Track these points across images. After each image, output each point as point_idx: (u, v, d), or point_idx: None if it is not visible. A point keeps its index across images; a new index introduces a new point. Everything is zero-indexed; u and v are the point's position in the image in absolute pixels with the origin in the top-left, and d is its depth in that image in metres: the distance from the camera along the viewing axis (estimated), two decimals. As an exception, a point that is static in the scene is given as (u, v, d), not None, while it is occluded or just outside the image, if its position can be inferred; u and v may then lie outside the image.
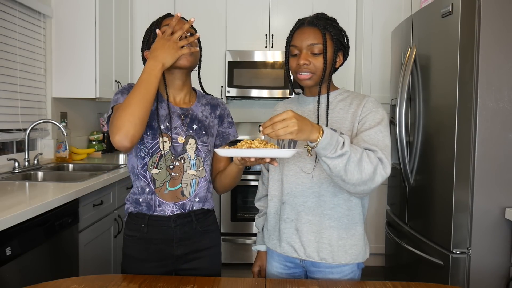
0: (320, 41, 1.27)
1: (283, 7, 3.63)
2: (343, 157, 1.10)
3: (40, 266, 1.67)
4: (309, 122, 1.09)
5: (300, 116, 1.08)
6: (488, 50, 1.80)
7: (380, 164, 1.16)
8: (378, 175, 1.15)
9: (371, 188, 1.17)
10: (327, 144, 1.08)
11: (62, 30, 2.84)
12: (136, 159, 1.36)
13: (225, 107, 1.51)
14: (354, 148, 1.14)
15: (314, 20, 1.30)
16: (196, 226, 1.39)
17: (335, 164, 1.11)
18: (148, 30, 1.38)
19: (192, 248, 1.39)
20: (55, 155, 2.88)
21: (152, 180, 1.35)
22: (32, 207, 1.55)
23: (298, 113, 1.39)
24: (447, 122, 1.91)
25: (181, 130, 1.37)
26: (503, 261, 1.83)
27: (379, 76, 3.56)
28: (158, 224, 1.36)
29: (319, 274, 1.35)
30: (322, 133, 1.08)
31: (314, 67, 1.28)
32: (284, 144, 1.38)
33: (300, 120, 1.06)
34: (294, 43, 1.31)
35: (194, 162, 1.37)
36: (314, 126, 1.09)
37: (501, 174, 1.82)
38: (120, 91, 1.33)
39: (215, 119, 1.47)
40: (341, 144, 1.10)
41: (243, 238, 3.41)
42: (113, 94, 1.35)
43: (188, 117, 1.39)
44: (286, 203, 1.36)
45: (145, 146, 1.34)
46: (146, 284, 1.18)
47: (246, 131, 3.92)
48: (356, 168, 1.12)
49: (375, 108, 1.29)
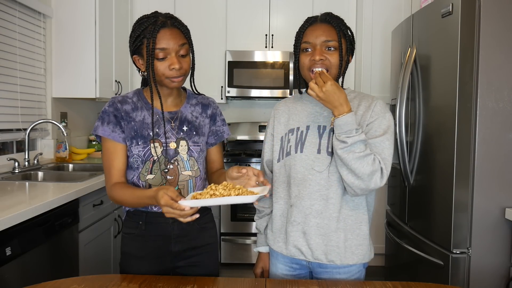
0: (334, 37, 1.27)
1: (283, 7, 3.63)
2: (342, 143, 1.20)
3: (40, 266, 1.67)
4: (343, 100, 1.19)
5: (337, 87, 1.19)
6: (488, 50, 1.80)
7: (379, 173, 1.22)
8: (373, 182, 1.22)
9: (366, 186, 1.23)
10: (338, 126, 1.20)
11: (62, 30, 2.84)
12: (132, 170, 1.37)
13: (216, 106, 1.50)
14: (362, 147, 1.20)
15: (327, 17, 1.30)
16: (193, 223, 1.39)
17: (336, 144, 1.22)
18: (136, 35, 1.29)
19: (190, 245, 1.40)
20: (55, 155, 2.88)
21: (147, 187, 1.35)
22: (32, 207, 1.55)
23: (302, 112, 1.39)
24: (447, 122, 1.91)
25: (172, 134, 1.37)
26: (503, 261, 1.83)
27: (379, 76, 3.56)
28: (156, 220, 1.37)
29: (326, 274, 1.34)
30: (344, 116, 1.19)
31: (329, 63, 1.28)
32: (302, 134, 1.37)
33: (335, 90, 1.18)
34: (307, 39, 1.30)
35: (187, 163, 1.38)
36: (343, 105, 1.19)
37: (501, 174, 1.82)
38: (101, 118, 1.35)
39: (206, 118, 1.46)
40: (348, 135, 1.19)
41: (243, 238, 3.40)
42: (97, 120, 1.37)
43: (177, 120, 1.39)
44: (294, 206, 1.35)
45: (138, 156, 1.35)
46: (146, 284, 1.18)
47: (246, 131, 3.92)
48: (354, 160, 1.20)
49: (383, 113, 1.30)
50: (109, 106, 1.36)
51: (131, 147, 1.35)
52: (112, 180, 1.34)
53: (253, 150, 3.82)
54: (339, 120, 1.19)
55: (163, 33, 1.26)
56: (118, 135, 1.35)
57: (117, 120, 1.35)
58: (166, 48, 1.26)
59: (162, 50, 1.26)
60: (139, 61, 1.33)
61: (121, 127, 1.35)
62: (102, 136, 1.35)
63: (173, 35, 1.27)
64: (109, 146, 1.35)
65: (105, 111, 1.36)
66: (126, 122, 1.36)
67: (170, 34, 1.26)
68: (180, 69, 1.28)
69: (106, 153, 1.36)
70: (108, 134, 1.34)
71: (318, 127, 1.34)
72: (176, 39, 1.27)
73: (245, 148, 3.93)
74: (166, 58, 1.27)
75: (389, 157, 1.26)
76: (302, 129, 1.36)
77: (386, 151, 1.26)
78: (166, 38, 1.26)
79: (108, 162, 1.35)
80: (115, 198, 1.32)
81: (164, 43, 1.25)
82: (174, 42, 1.26)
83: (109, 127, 1.34)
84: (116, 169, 1.34)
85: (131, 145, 1.35)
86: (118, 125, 1.35)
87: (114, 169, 1.34)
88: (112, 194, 1.33)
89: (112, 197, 1.33)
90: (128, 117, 1.36)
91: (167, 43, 1.25)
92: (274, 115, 1.47)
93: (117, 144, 1.35)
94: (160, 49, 1.25)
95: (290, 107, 1.44)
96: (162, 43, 1.25)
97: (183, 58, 1.30)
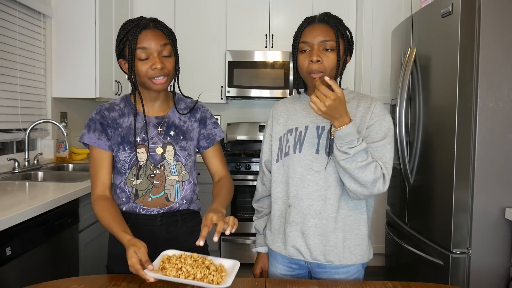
0: (332, 38, 1.27)
1: (283, 7, 3.63)
2: (344, 154, 1.19)
3: (40, 266, 1.67)
4: (342, 112, 1.16)
5: (340, 103, 1.15)
6: (488, 50, 1.80)
7: (382, 179, 1.23)
8: (376, 187, 1.22)
9: (369, 192, 1.23)
10: (339, 137, 1.19)
11: (62, 30, 2.84)
12: (120, 175, 1.38)
13: (205, 109, 1.48)
14: (364, 156, 1.20)
15: (325, 17, 1.29)
16: (181, 225, 1.39)
17: (338, 154, 1.21)
18: (119, 39, 1.30)
19: (178, 249, 1.39)
20: (55, 155, 2.88)
21: (133, 192, 1.36)
22: (32, 207, 1.56)
23: (300, 112, 1.38)
24: (447, 122, 1.91)
25: (158, 139, 1.37)
26: (503, 261, 1.83)
27: (379, 76, 3.56)
28: (144, 222, 1.37)
29: (325, 274, 1.34)
30: (345, 127, 1.17)
31: (326, 64, 1.27)
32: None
33: (336, 104, 1.14)
34: (305, 39, 1.29)
35: (174, 168, 1.38)
36: (343, 116, 1.17)
37: (501, 174, 1.82)
38: (87, 125, 1.37)
39: (195, 122, 1.44)
40: (350, 146, 1.18)
41: (243, 238, 3.40)
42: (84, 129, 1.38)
43: (164, 124, 1.39)
44: (292, 206, 1.35)
45: (124, 162, 1.35)
46: (146, 284, 1.18)
47: (246, 131, 3.92)
48: (357, 170, 1.19)
49: (383, 115, 1.30)
50: (95, 114, 1.38)
51: (118, 153, 1.36)
52: (96, 192, 1.35)
53: (253, 150, 3.82)
54: (340, 132, 1.17)
55: (144, 34, 1.26)
56: (103, 143, 1.36)
57: (103, 128, 1.36)
58: (147, 47, 1.26)
59: (143, 50, 1.26)
60: (125, 65, 1.33)
61: (107, 135, 1.36)
62: (88, 144, 1.37)
63: (154, 35, 1.27)
64: (95, 153, 1.37)
65: (91, 118, 1.37)
66: (113, 129, 1.36)
67: (151, 34, 1.27)
68: (162, 69, 1.27)
69: (92, 161, 1.38)
70: (93, 141, 1.36)
71: (317, 128, 1.33)
72: (157, 40, 1.27)
73: (245, 148, 3.93)
74: (148, 59, 1.27)
75: (390, 160, 1.26)
76: (300, 129, 1.36)
77: (388, 155, 1.26)
78: (147, 39, 1.26)
79: (93, 171, 1.37)
80: (95, 214, 1.34)
81: (146, 43, 1.26)
82: (156, 42, 1.26)
83: (94, 135, 1.36)
84: (101, 181, 1.36)
85: (118, 151, 1.35)
86: (104, 132, 1.36)
87: (99, 181, 1.36)
88: (94, 208, 1.34)
89: (94, 211, 1.35)
90: (115, 123, 1.36)
91: (148, 43, 1.26)
92: (273, 115, 1.47)
93: (103, 152, 1.36)
94: (142, 48, 1.25)
95: (288, 107, 1.44)
96: (144, 43, 1.25)
97: (166, 59, 1.29)
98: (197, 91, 2.45)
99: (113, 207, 1.33)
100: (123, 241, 1.19)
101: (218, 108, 4.00)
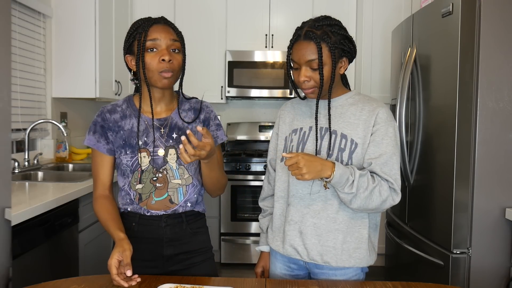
0: (316, 56, 1.23)
1: (283, 7, 3.63)
2: (350, 194, 1.22)
3: (40, 266, 1.67)
4: (319, 163, 1.19)
5: (309, 157, 1.19)
6: (488, 50, 1.80)
7: (391, 195, 1.26)
8: (387, 205, 1.26)
9: (381, 211, 1.30)
10: (337, 182, 1.21)
11: (62, 30, 2.84)
12: (123, 178, 1.38)
13: (210, 110, 1.44)
14: (365, 184, 1.22)
15: (310, 32, 1.23)
16: (186, 227, 1.39)
17: (343, 196, 1.24)
18: (129, 35, 1.30)
19: (182, 250, 1.39)
20: (55, 155, 2.88)
21: (137, 196, 1.36)
22: (32, 207, 1.56)
23: (306, 113, 1.37)
24: (447, 122, 1.91)
25: (160, 142, 1.35)
26: (503, 261, 1.83)
27: (379, 76, 3.56)
28: (149, 223, 1.37)
29: (323, 275, 1.34)
30: (335, 170, 1.20)
31: (315, 82, 1.26)
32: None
33: (308, 162, 1.17)
34: (293, 58, 1.29)
35: (177, 172, 1.36)
36: (325, 165, 1.20)
37: (501, 174, 1.82)
38: (90, 127, 1.39)
39: (199, 124, 1.41)
40: (350, 183, 1.21)
41: (243, 238, 3.40)
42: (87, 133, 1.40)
43: (167, 127, 1.37)
44: (291, 205, 1.35)
45: (127, 166, 1.35)
46: (146, 284, 1.18)
47: (246, 131, 3.92)
48: (364, 201, 1.23)
49: (387, 122, 1.29)
50: (97, 116, 1.38)
51: (120, 156, 1.35)
52: (97, 192, 1.38)
53: (253, 150, 3.82)
54: (334, 179, 1.20)
55: (155, 27, 1.28)
56: (102, 146, 1.36)
57: (103, 131, 1.36)
58: (157, 38, 1.26)
59: (153, 41, 1.26)
60: (131, 61, 1.33)
61: (106, 138, 1.36)
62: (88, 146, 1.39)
63: (165, 29, 1.29)
64: (95, 155, 1.38)
65: (94, 121, 1.39)
66: (115, 132, 1.36)
67: (162, 28, 1.28)
68: (170, 62, 1.26)
69: (93, 162, 1.40)
70: (93, 144, 1.37)
71: (320, 129, 1.34)
72: (168, 33, 1.28)
73: (245, 148, 3.93)
74: (157, 51, 1.27)
75: (398, 171, 1.28)
76: (305, 130, 1.37)
77: (396, 166, 1.27)
78: (158, 31, 1.27)
79: (95, 172, 1.39)
80: (95, 212, 1.36)
81: (156, 34, 1.26)
82: (166, 35, 1.27)
83: (94, 137, 1.36)
84: (101, 182, 1.38)
85: (120, 154, 1.35)
86: (103, 136, 1.36)
87: (99, 181, 1.38)
88: (94, 207, 1.37)
89: (93, 209, 1.37)
90: (117, 126, 1.36)
91: (158, 34, 1.27)
92: (280, 115, 1.48)
93: (103, 155, 1.37)
94: (152, 40, 1.26)
95: (295, 108, 1.45)
96: (154, 35, 1.26)
97: (174, 54, 1.29)
98: (197, 91, 2.44)
99: (111, 205, 1.34)
100: (115, 239, 1.24)
101: (218, 108, 4.00)
